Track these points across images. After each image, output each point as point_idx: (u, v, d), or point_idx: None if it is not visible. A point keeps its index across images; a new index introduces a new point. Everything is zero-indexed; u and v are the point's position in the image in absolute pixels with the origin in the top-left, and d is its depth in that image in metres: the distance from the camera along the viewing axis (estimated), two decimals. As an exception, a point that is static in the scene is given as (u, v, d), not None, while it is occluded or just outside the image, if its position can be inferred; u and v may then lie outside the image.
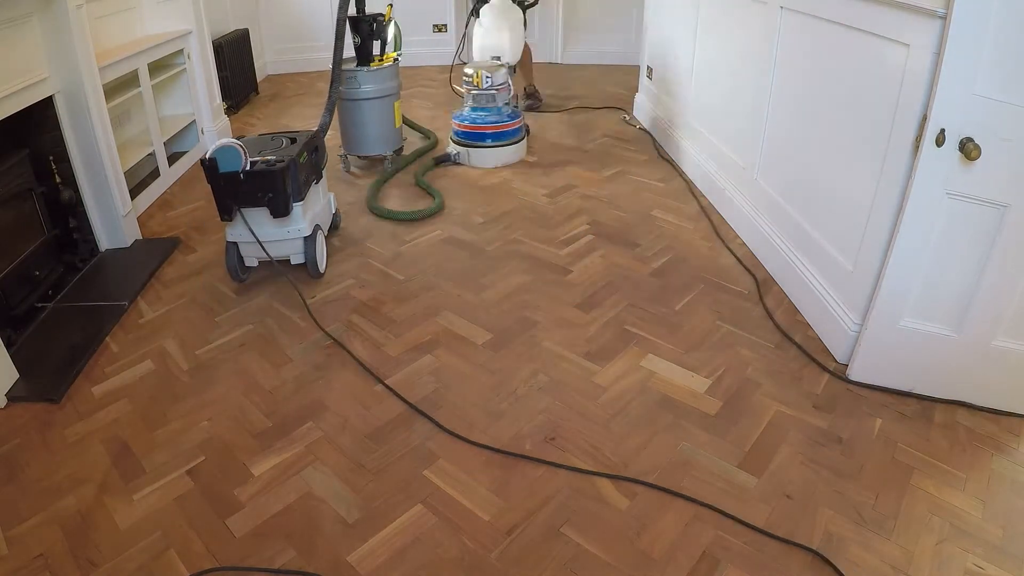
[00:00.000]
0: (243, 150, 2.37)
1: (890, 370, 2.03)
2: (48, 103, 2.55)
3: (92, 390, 2.11)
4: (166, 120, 3.79)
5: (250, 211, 2.48)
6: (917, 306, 1.92)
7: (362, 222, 3.18)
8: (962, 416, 1.95)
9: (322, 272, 2.72)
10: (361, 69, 3.44)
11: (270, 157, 2.46)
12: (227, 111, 4.50)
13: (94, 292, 2.61)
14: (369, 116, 3.55)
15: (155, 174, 3.51)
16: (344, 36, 3.21)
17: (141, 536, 1.62)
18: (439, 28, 6.12)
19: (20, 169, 2.42)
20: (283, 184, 2.40)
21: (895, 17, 1.85)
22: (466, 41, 4.44)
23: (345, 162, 3.77)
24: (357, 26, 3.45)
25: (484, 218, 3.19)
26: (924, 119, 1.74)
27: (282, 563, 1.55)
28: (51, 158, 2.63)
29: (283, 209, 2.45)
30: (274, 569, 1.54)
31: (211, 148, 2.37)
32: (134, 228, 3.00)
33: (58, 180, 2.66)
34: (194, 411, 2.02)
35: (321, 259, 2.71)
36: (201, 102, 3.98)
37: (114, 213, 2.86)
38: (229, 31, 4.95)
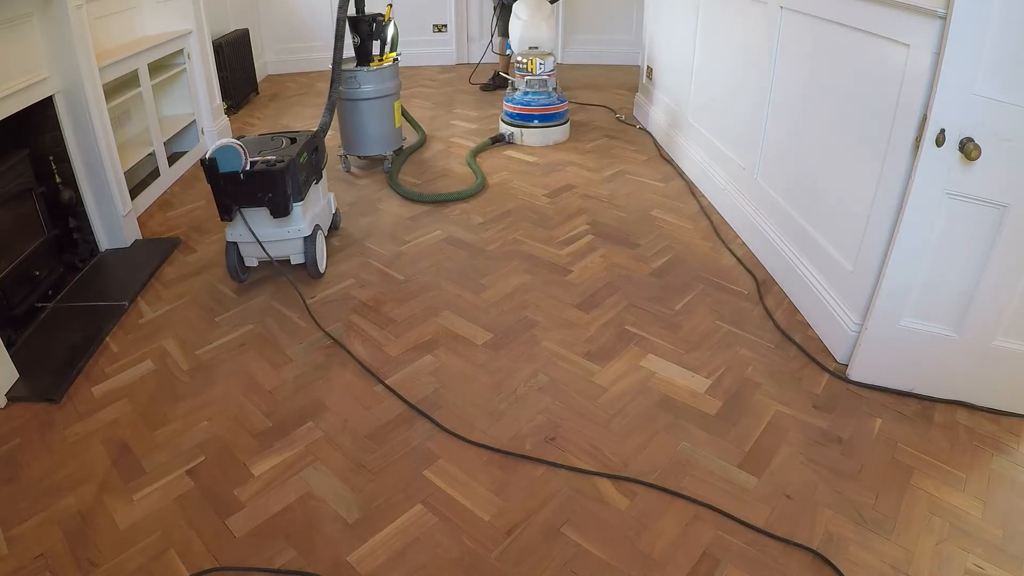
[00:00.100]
0: (243, 150, 2.37)
1: (890, 370, 2.03)
2: (48, 103, 2.55)
3: (92, 390, 2.11)
4: (166, 120, 3.79)
5: (250, 211, 2.48)
6: (917, 306, 1.92)
7: (362, 222, 3.18)
8: (962, 416, 1.95)
9: (322, 272, 2.72)
10: (361, 69, 3.45)
11: (270, 157, 2.46)
12: (227, 111, 4.50)
13: (94, 292, 2.61)
14: (369, 116, 3.56)
15: (155, 174, 3.51)
16: (344, 36, 3.21)
17: (141, 536, 1.62)
18: (439, 28, 6.12)
19: (20, 169, 2.42)
20: (283, 184, 2.40)
21: (895, 17, 1.85)
22: (495, 34, 5.04)
23: (345, 162, 3.78)
24: (357, 26, 3.45)
25: (484, 218, 3.19)
26: (924, 119, 1.74)
27: (282, 563, 1.55)
28: (51, 158, 2.64)
29: (283, 209, 2.45)
30: (274, 569, 1.54)
31: (211, 148, 2.37)
32: (134, 228, 3.00)
33: (58, 180, 2.67)
34: (194, 411, 2.02)
35: (321, 259, 2.71)
36: (201, 102, 3.98)
37: (114, 213, 2.86)
38: (229, 31, 4.95)
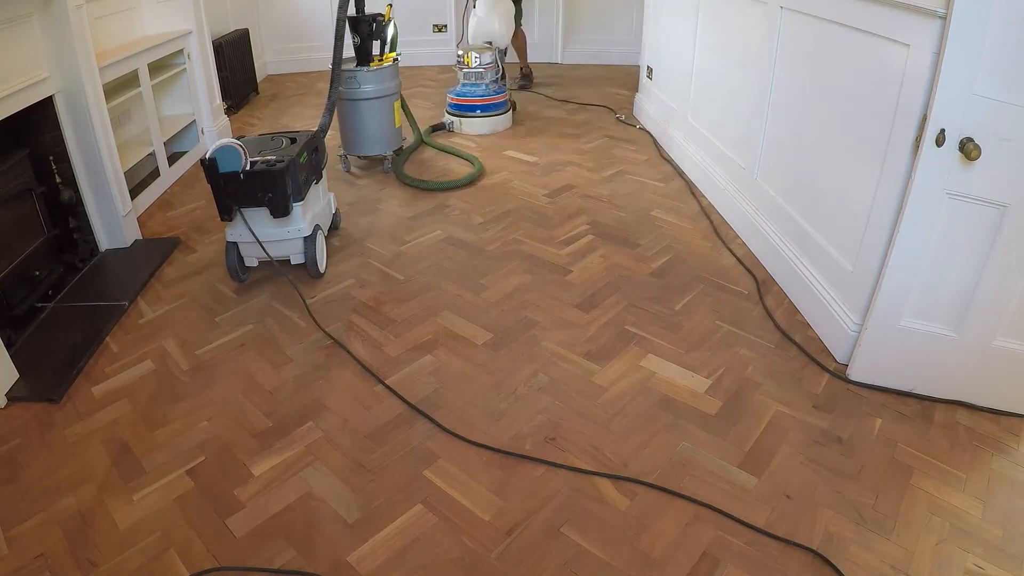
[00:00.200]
0: (243, 150, 2.37)
1: (890, 370, 2.03)
2: (48, 103, 2.55)
3: (92, 390, 2.11)
4: (166, 120, 3.79)
5: (250, 211, 2.48)
6: (917, 306, 1.92)
7: (362, 222, 3.18)
8: (962, 416, 1.95)
9: (322, 272, 2.72)
10: (361, 69, 3.45)
11: (270, 157, 2.47)
12: (227, 111, 4.50)
13: (94, 292, 2.61)
14: (369, 116, 3.56)
15: (155, 174, 3.51)
16: (344, 36, 3.21)
17: (141, 536, 1.62)
18: (439, 28, 6.12)
19: (20, 169, 2.42)
20: (283, 184, 2.40)
21: (895, 17, 1.85)
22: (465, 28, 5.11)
23: (345, 162, 3.78)
24: (357, 26, 3.45)
25: (484, 218, 3.19)
26: (924, 119, 1.74)
27: (282, 563, 1.55)
28: (51, 158, 2.63)
29: (283, 209, 2.45)
30: (274, 569, 1.54)
31: (211, 148, 2.37)
32: (134, 228, 3.00)
33: (58, 180, 2.67)
34: (194, 411, 2.02)
35: (321, 259, 2.71)
36: (201, 102, 3.98)
37: (114, 213, 2.86)
38: (229, 31, 4.95)
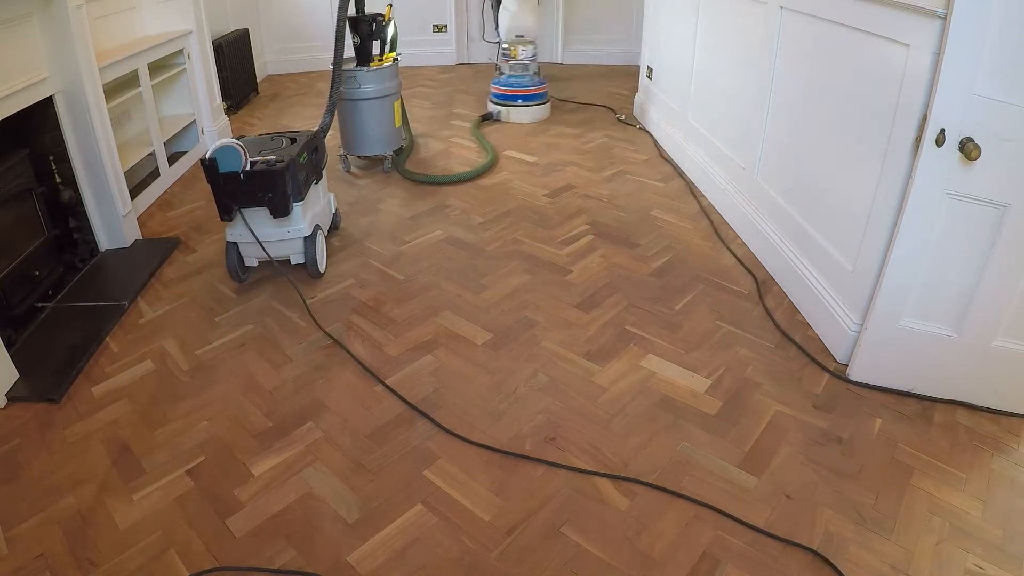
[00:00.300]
0: (243, 150, 2.37)
1: (890, 370, 2.03)
2: (48, 103, 2.55)
3: (92, 390, 2.11)
4: (166, 120, 3.79)
5: (250, 211, 2.48)
6: (917, 306, 1.92)
7: (362, 222, 3.18)
8: (962, 416, 1.95)
9: (322, 272, 2.72)
10: (361, 69, 3.45)
11: (270, 157, 2.46)
12: (227, 111, 4.50)
13: (94, 292, 2.61)
14: (369, 116, 3.55)
15: (155, 174, 3.51)
16: (344, 36, 3.21)
17: (141, 536, 1.62)
18: (439, 28, 6.12)
19: (20, 169, 2.42)
20: (283, 184, 2.40)
21: (895, 17, 1.85)
22: (485, 23, 5.68)
23: (345, 162, 3.77)
24: (357, 26, 3.45)
25: (484, 218, 3.19)
26: (924, 119, 1.74)
27: (282, 563, 1.55)
28: (51, 158, 2.63)
29: (283, 209, 2.45)
30: (274, 569, 1.54)
31: (211, 148, 2.37)
32: (134, 228, 3.00)
33: (58, 180, 2.67)
34: (194, 411, 2.02)
35: (321, 259, 2.71)
36: (201, 102, 3.98)
37: (114, 213, 2.86)
38: (229, 31, 4.95)
